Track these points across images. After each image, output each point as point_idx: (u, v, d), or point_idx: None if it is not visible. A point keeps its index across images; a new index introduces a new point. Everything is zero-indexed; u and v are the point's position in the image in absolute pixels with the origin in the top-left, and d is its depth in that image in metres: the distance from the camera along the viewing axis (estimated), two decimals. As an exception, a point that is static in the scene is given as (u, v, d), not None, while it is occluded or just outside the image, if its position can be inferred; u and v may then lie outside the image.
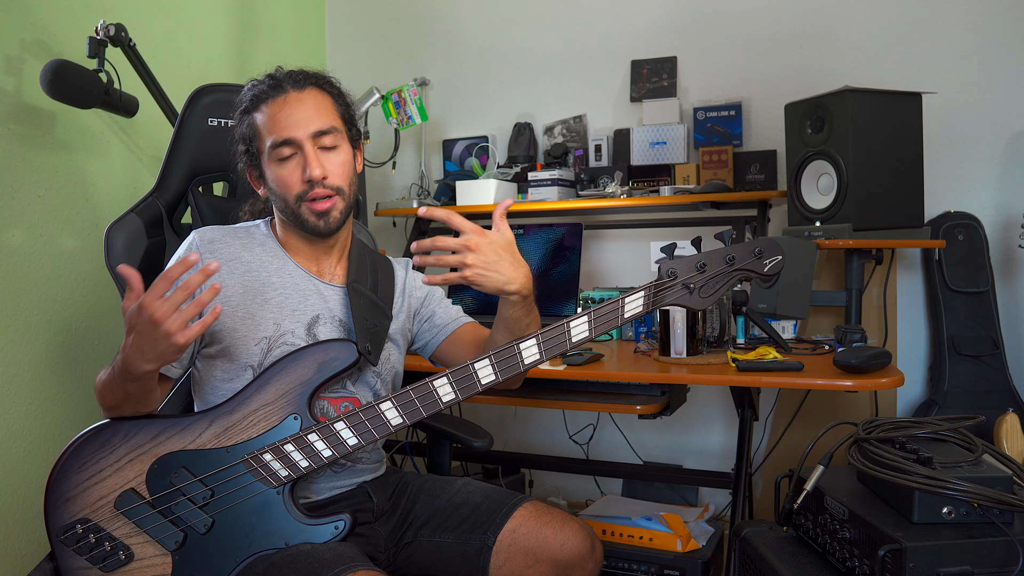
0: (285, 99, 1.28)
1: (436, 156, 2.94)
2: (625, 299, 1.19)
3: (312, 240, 1.35)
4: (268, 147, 1.28)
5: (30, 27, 1.90)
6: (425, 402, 1.20)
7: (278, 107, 1.28)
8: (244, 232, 1.36)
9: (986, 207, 2.28)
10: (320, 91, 1.31)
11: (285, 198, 1.29)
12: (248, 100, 1.31)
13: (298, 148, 1.27)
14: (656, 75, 2.60)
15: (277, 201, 1.32)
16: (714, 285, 1.20)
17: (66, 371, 1.99)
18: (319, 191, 1.27)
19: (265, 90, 1.30)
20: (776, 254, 1.21)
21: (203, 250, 1.29)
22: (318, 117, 1.28)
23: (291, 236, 1.36)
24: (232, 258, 1.31)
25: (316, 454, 1.20)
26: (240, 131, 1.33)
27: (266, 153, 1.29)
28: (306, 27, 3.03)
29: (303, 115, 1.27)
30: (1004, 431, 1.79)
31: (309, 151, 1.26)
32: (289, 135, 1.26)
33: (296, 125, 1.26)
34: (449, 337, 1.46)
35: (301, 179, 1.27)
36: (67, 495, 1.20)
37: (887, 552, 1.11)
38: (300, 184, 1.27)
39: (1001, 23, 2.25)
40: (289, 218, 1.31)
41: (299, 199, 1.28)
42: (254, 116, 1.30)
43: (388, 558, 1.34)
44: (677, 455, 2.62)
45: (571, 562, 1.27)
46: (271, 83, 1.30)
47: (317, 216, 1.29)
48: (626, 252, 2.68)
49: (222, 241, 1.32)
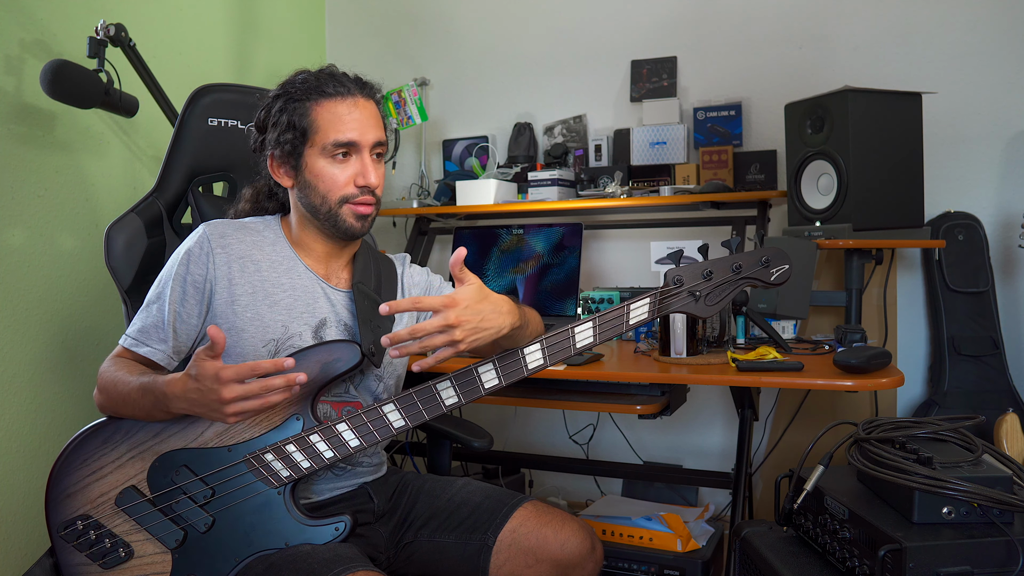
0: (355, 101, 1.28)
1: (436, 156, 2.94)
2: (630, 306, 1.18)
3: (330, 241, 1.34)
4: (329, 143, 1.25)
5: (30, 27, 1.90)
6: (428, 405, 1.20)
7: (347, 108, 1.27)
8: (254, 229, 1.34)
9: (986, 207, 2.28)
10: (376, 105, 1.32)
11: (327, 196, 1.28)
12: (301, 89, 1.27)
13: (356, 152, 1.27)
14: (656, 75, 2.60)
15: (312, 196, 1.28)
16: (720, 293, 1.20)
17: (66, 371, 1.99)
18: (367, 197, 1.29)
19: (326, 85, 1.27)
20: (783, 263, 1.21)
21: (214, 244, 1.28)
22: (378, 128, 1.30)
23: (307, 234, 1.34)
24: (243, 255, 1.30)
25: (318, 455, 1.20)
26: (285, 117, 1.27)
27: (320, 147, 1.26)
28: (306, 27, 3.03)
29: (369, 122, 1.28)
30: (1004, 431, 1.79)
31: (367, 158, 1.28)
32: (356, 138, 1.26)
33: (364, 130, 1.27)
34: None
35: (353, 182, 1.27)
36: (68, 491, 1.21)
37: (887, 552, 1.11)
38: (350, 186, 1.27)
39: (1001, 23, 2.25)
40: (320, 216, 1.29)
41: (343, 200, 1.28)
42: (308, 106, 1.26)
43: (388, 558, 1.34)
44: (677, 455, 2.62)
45: (571, 562, 1.28)
46: (333, 81, 1.28)
47: (356, 219, 1.29)
48: (626, 252, 2.68)
49: (233, 237, 1.30)
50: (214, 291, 1.27)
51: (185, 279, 1.26)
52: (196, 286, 1.26)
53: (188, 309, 1.26)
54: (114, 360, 1.25)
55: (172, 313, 1.25)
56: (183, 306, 1.26)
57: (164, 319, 1.25)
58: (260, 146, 1.33)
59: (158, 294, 1.27)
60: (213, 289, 1.26)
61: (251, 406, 1.08)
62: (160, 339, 1.25)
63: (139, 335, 1.26)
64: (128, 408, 1.20)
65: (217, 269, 1.27)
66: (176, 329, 1.25)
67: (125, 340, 1.27)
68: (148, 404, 1.16)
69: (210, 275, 1.26)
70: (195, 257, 1.27)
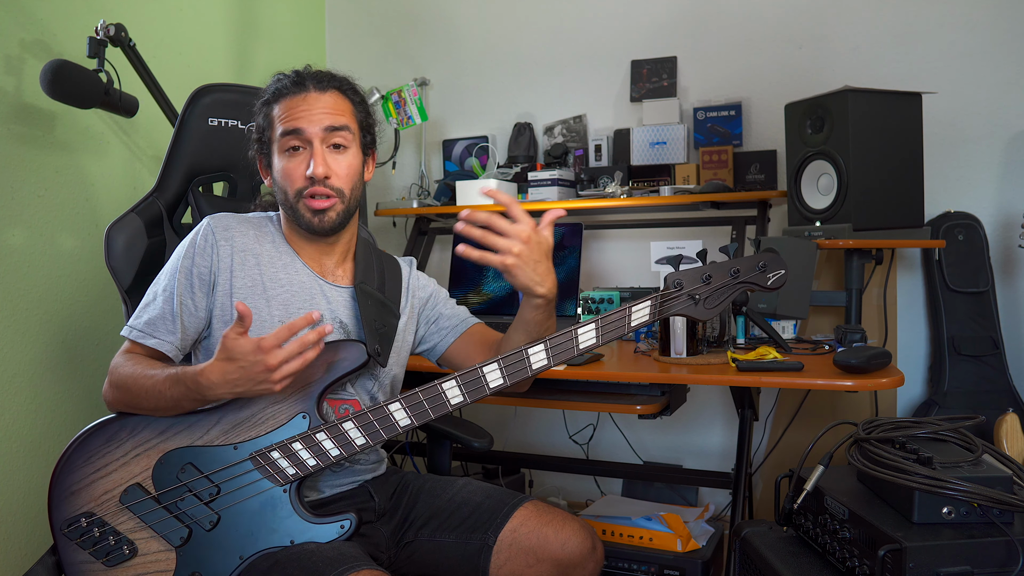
0: (305, 96, 1.29)
1: (436, 156, 2.94)
2: (632, 308, 1.20)
3: (313, 238, 1.35)
4: (278, 135, 1.29)
5: (30, 27, 1.90)
6: (433, 404, 1.20)
7: (296, 102, 1.29)
8: (257, 223, 1.37)
9: (986, 207, 2.28)
10: (341, 95, 1.33)
11: (286, 191, 1.30)
12: (270, 92, 1.33)
13: (307, 144, 1.28)
14: (656, 75, 2.60)
15: (279, 193, 1.33)
16: (719, 296, 1.23)
17: (66, 371, 1.99)
18: (319, 189, 1.27)
19: (288, 85, 1.31)
20: (779, 268, 1.24)
21: (218, 236, 1.29)
22: (332, 115, 1.29)
23: (294, 232, 1.37)
24: (244, 249, 1.31)
25: (324, 453, 1.21)
26: (260, 119, 1.34)
27: (276, 142, 1.30)
28: (306, 27, 3.04)
29: (318, 111, 1.28)
30: (1004, 431, 1.79)
31: (317, 148, 1.27)
32: (299, 126, 1.27)
33: (309, 119, 1.28)
34: (460, 338, 1.45)
35: (304, 174, 1.27)
36: (72, 488, 1.21)
37: (887, 552, 1.11)
38: (302, 179, 1.28)
39: (1001, 23, 2.25)
40: (288, 212, 1.33)
41: (299, 194, 1.29)
42: (272, 107, 1.32)
43: (389, 557, 1.34)
44: (677, 455, 2.63)
45: (572, 561, 1.28)
46: (295, 79, 1.31)
47: (312, 213, 1.29)
48: (626, 252, 2.68)
49: (237, 229, 1.32)
50: (217, 282, 1.28)
51: (191, 271, 1.27)
52: (202, 278, 1.27)
53: (196, 301, 1.27)
54: (128, 355, 1.25)
55: (180, 305, 1.26)
56: (191, 298, 1.27)
57: (172, 310, 1.26)
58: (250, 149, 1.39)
59: (164, 286, 1.28)
60: (216, 280, 1.28)
61: (294, 367, 1.11)
62: (168, 331, 1.26)
63: (146, 327, 1.26)
64: (151, 400, 1.19)
65: (221, 261, 1.28)
66: (184, 321, 1.26)
67: (131, 332, 1.27)
68: (177, 394, 1.16)
69: (214, 267, 1.28)
70: (200, 249, 1.28)
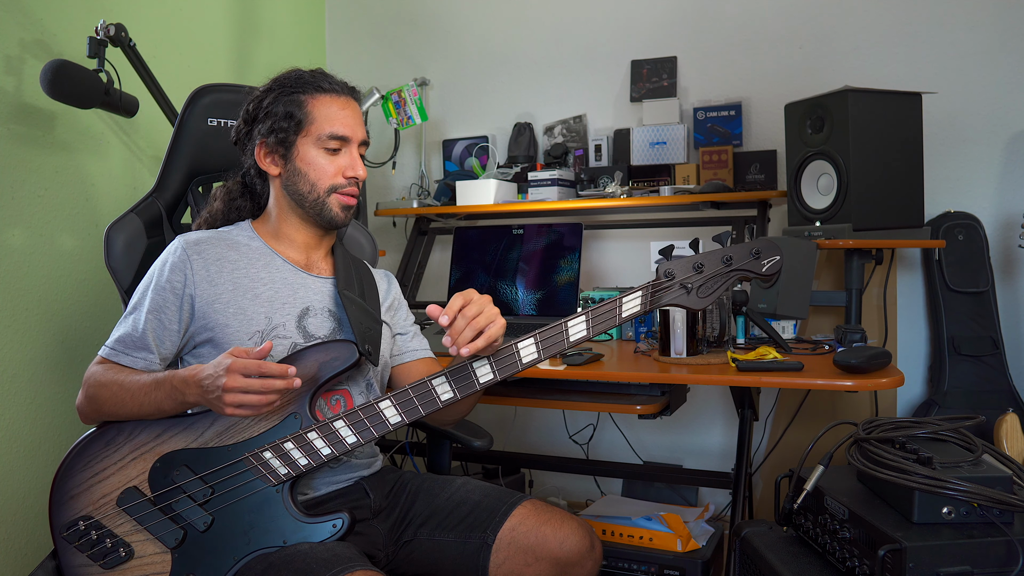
0: (346, 100, 1.37)
1: (436, 156, 2.94)
2: (623, 299, 1.19)
3: (311, 231, 1.39)
4: (324, 134, 1.33)
5: (30, 27, 1.90)
6: (423, 400, 1.21)
7: (339, 105, 1.35)
8: (226, 234, 1.39)
9: (986, 207, 2.28)
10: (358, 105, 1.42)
11: (316, 184, 1.34)
12: (297, 82, 1.35)
13: (346, 146, 1.36)
14: (656, 75, 2.60)
15: (301, 183, 1.35)
16: (712, 285, 1.20)
17: (66, 371, 1.99)
18: (354, 189, 1.37)
19: (321, 81, 1.35)
20: (774, 254, 1.20)
21: (189, 251, 1.31)
22: (363, 128, 1.40)
23: (288, 224, 1.39)
24: (219, 257, 1.33)
25: (315, 452, 1.21)
26: (280, 107, 1.33)
27: (314, 137, 1.33)
28: (306, 27, 3.04)
29: (358, 121, 1.38)
30: (1004, 431, 1.79)
31: (356, 153, 1.37)
32: (349, 133, 1.35)
33: (355, 127, 1.37)
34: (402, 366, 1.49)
35: (342, 173, 1.35)
36: (71, 493, 1.22)
37: (887, 552, 1.11)
38: (339, 177, 1.35)
39: (1001, 23, 2.25)
40: (307, 204, 1.36)
41: (331, 189, 1.35)
42: (304, 98, 1.34)
43: (387, 556, 1.34)
44: (677, 455, 2.62)
45: (570, 560, 1.27)
46: (327, 79, 1.36)
47: (342, 208, 1.36)
48: (626, 252, 2.68)
49: (208, 242, 1.34)
50: (195, 296, 1.29)
51: (164, 288, 1.29)
52: (175, 293, 1.29)
53: (168, 316, 1.29)
54: (104, 365, 1.28)
55: (148, 323, 1.28)
56: (163, 314, 1.28)
57: (139, 328, 1.28)
58: (246, 137, 1.39)
59: (135, 305, 1.31)
60: (193, 295, 1.29)
61: (249, 400, 1.12)
62: (137, 347, 1.28)
63: (117, 344, 1.29)
64: (130, 405, 1.21)
65: (196, 274, 1.30)
66: (157, 338, 1.28)
67: (104, 350, 1.30)
68: (160, 396, 1.19)
69: (189, 281, 1.29)
70: (172, 266, 1.30)
